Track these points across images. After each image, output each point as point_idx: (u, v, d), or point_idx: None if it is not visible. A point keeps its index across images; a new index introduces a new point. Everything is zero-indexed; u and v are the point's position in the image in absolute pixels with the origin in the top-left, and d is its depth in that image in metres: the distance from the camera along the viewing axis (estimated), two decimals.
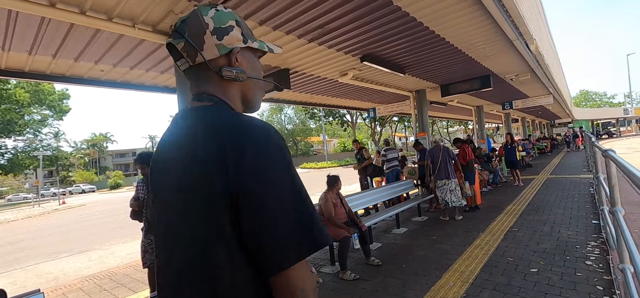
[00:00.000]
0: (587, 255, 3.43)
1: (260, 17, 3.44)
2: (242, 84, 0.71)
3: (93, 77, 4.59)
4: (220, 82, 0.69)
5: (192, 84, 0.71)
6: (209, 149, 0.58)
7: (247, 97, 0.74)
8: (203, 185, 0.57)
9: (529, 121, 25.47)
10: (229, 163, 0.55)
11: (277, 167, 0.57)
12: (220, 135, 0.59)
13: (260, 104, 0.78)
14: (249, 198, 0.55)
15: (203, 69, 0.68)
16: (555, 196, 6.67)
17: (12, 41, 3.32)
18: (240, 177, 0.55)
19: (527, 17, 4.54)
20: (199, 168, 0.58)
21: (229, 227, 0.56)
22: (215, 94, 0.68)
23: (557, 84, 10.95)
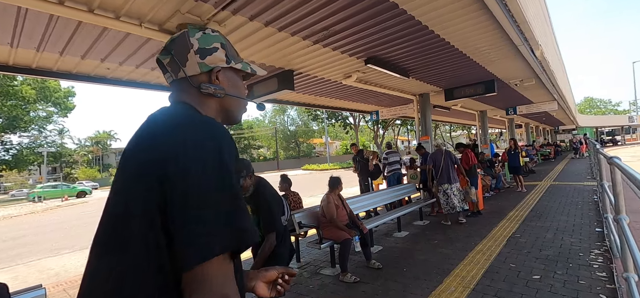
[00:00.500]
0: (591, 263, 3.40)
1: (265, 18, 3.45)
2: (221, 100, 0.76)
3: (99, 74, 4.63)
4: (198, 95, 0.73)
5: (173, 92, 0.75)
6: (149, 140, 0.61)
7: (225, 112, 0.79)
8: (140, 178, 0.58)
9: (532, 127, 25.32)
10: (162, 157, 0.57)
11: (207, 164, 0.57)
12: (164, 130, 0.62)
13: (241, 118, 0.83)
14: (172, 190, 0.54)
15: (185, 83, 0.73)
16: (558, 203, 6.62)
17: (20, 38, 3.36)
18: (170, 170, 0.55)
19: (533, 23, 4.52)
20: (140, 160, 0.60)
21: (156, 235, 0.55)
22: (192, 104, 0.72)
23: (561, 91, 10.89)
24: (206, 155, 0.58)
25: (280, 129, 50.58)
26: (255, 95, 5.88)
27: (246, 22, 3.48)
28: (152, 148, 0.59)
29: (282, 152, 50.14)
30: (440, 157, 5.68)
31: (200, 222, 0.53)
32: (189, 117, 0.66)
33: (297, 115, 51.58)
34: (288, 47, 4.31)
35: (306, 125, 51.99)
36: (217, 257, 0.53)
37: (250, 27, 3.61)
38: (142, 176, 0.58)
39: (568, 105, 16.41)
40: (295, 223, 3.84)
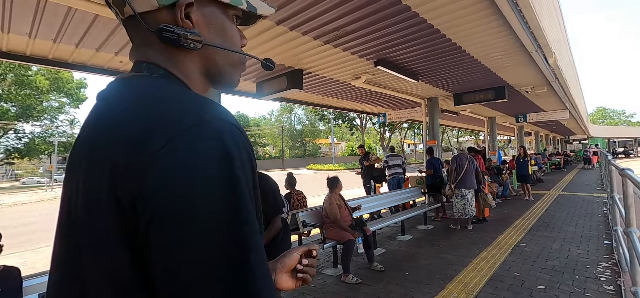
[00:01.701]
0: (598, 276, 3.34)
1: (277, 17, 3.48)
2: (204, 55, 0.50)
3: (112, 67, 4.71)
4: (162, 47, 0.47)
5: (132, 45, 0.50)
6: (103, 147, 0.39)
7: (211, 71, 0.51)
8: (100, 194, 0.38)
9: (542, 135, 24.93)
10: (124, 167, 0.36)
11: (205, 177, 0.35)
12: (134, 120, 0.39)
13: (237, 81, 0.56)
14: (157, 224, 0.34)
15: (137, 26, 0.47)
16: (566, 213, 6.52)
17: (38, 29, 3.45)
18: (147, 190, 0.35)
19: (547, 30, 4.46)
20: (98, 168, 0.39)
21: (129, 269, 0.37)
22: (161, 64, 0.47)
23: (573, 99, 10.70)
24: (202, 168, 0.35)
25: (286, 128, 50.74)
26: (264, 93, 5.92)
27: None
28: (113, 161, 0.37)
29: (288, 151, 50.29)
30: (465, 161, 5.67)
31: (192, 281, 0.34)
32: (167, 97, 0.41)
33: (304, 114, 51.68)
34: (298, 47, 4.33)
35: (313, 125, 52.05)
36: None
37: (262, 25, 3.64)
38: (105, 212, 0.37)
39: (580, 114, 16.11)
40: (299, 222, 3.86)
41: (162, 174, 0.35)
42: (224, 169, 0.36)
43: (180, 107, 0.40)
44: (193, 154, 0.35)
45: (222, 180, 0.36)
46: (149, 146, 0.36)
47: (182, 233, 0.34)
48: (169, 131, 0.36)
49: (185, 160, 0.35)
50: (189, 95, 0.44)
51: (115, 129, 0.39)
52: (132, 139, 0.37)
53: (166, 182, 0.35)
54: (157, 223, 0.34)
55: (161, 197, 0.35)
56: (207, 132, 0.37)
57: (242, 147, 0.39)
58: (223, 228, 0.35)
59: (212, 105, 0.41)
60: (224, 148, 0.37)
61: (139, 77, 0.46)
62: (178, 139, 0.36)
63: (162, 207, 0.34)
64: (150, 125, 0.37)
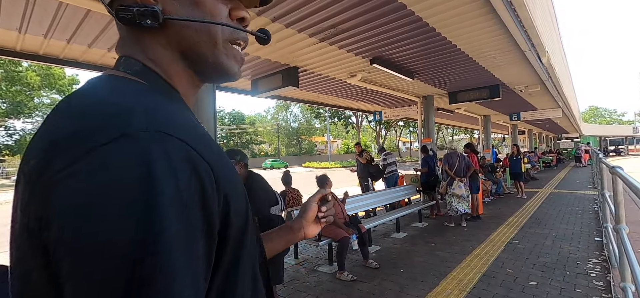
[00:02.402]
0: (588, 272, 3.40)
1: (273, 14, 3.46)
2: (172, 33, 0.41)
3: (105, 64, 4.65)
4: (132, 35, 0.41)
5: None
6: (27, 154, 0.34)
7: (188, 55, 0.43)
8: (18, 208, 0.33)
9: (535, 134, 25.23)
10: (36, 185, 0.30)
11: (110, 207, 0.28)
12: (50, 132, 0.33)
13: (233, 68, 0.45)
14: (52, 253, 0.29)
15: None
16: (558, 210, 6.62)
17: (28, 24, 3.39)
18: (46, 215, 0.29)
19: (541, 29, 4.51)
20: (19, 182, 0.34)
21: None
22: (137, 56, 0.41)
23: (566, 98, 10.84)
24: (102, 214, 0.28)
25: (282, 126, 50.64)
26: (259, 91, 5.90)
27: (253, 17, 3.49)
28: (35, 177, 0.31)
29: (284, 149, 50.21)
30: (456, 159, 5.72)
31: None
32: (89, 107, 0.34)
33: (300, 112, 51.61)
34: (294, 44, 4.32)
35: (308, 123, 52.01)
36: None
37: (258, 22, 3.62)
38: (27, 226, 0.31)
39: (572, 113, 16.33)
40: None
41: (61, 198, 0.28)
42: (138, 204, 0.28)
43: (108, 115, 0.32)
44: (96, 177, 0.28)
45: (131, 211, 0.28)
46: (52, 166, 0.29)
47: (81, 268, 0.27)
48: (76, 148, 0.29)
49: (84, 186, 0.28)
50: (132, 101, 0.34)
51: (41, 136, 0.33)
52: (41, 154, 0.31)
53: (65, 208, 0.28)
54: (57, 252, 0.28)
55: (58, 226, 0.28)
56: (127, 149, 0.29)
57: (176, 169, 0.30)
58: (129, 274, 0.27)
59: (156, 114, 0.33)
60: (144, 170, 0.29)
61: (103, 77, 0.40)
62: (85, 158, 0.29)
63: (60, 235, 0.28)
64: (61, 140, 0.31)
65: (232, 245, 0.37)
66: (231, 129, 46.90)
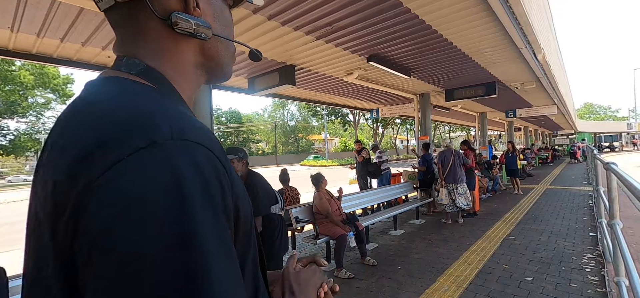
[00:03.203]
0: (583, 267, 3.44)
1: (269, 11, 3.44)
2: (205, 45, 0.46)
3: (99, 63, 4.60)
4: (162, 37, 0.43)
5: (117, 38, 0.45)
6: (57, 158, 0.34)
7: (211, 63, 0.48)
8: (46, 212, 0.33)
9: (531, 130, 25.41)
10: (70, 191, 0.31)
11: (147, 215, 0.29)
12: (80, 136, 0.33)
13: (231, 73, 0.52)
14: (85, 262, 0.29)
15: (133, 12, 0.42)
16: (553, 206, 6.68)
17: (21, 23, 3.34)
18: (82, 223, 0.30)
19: (536, 26, 4.53)
20: (43, 195, 0.34)
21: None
22: (143, 59, 0.42)
23: (562, 95, 10.92)
24: (142, 222, 0.29)
25: (279, 124, 50.54)
26: (256, 89, 5.87)
27: (249, 14, 3.47)
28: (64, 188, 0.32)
29: (281, 147, 50.14)
30: (450, 156, 5.75)
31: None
32: (113, 111, 0.35)
33: (297, 110, 51.53)
34: (291, 42, 4.30)
35: (306, 121, 51.96)
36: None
37: (253, 20, 3.60)
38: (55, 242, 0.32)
39: (568, 110, 16.46)
40: (292, 218, 3.86)
41: (98, 208, 0.29)
42: (172, 206, 0.29)
43: (132, 122, 0.33)
44: (133, 185, 0.29)
45: (170, 220, 0.29)
46: (87, 172, 0.30)
47: (118, 279, 0.28)
48: (110, 155, 0.30)
49: (122, 193, 0.29)
50: (153, 105, 0.36)
51: (64, 145, 0.34)
52: (73, 159, 0.32)
53: (101, 218, 0.29)
54: (90, 263, 0.29)
55: (96, 235, 0.29)
56: (157, 158, 0.30)
57: (203, 172, 0.32)
58: (170, 278, 0.28)
59: (174, 121, 0.34)
60: (175, 179, 0.30)
61: (111, 78, 0.41)
62: (120, 166, 0.30)
63: (97, 245, 0.28)
64: (92, 146, 0.31)
65: (239, 244, 0.39)
66: (228, 127, 46.75)
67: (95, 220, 0.29)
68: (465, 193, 5.69)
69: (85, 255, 0.29)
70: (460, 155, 5.93)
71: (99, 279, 0.28)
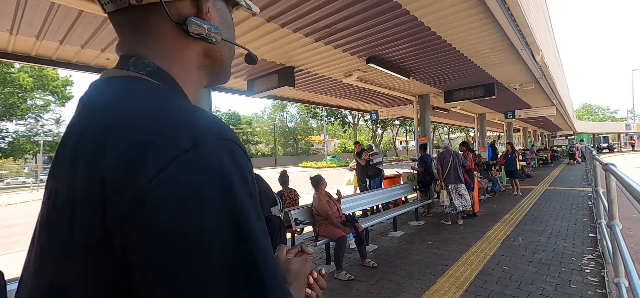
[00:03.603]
0: (583, 268, 3.44)
1: (268, 13, 3.45)
2: (211, 48, 0.48)
3: (99, 65, 4.60)
4: (172, 40, 0.45)
5: (120, 39, 0.46)
6: (89, 161, 0.35)
7: (215, 65, 0.50)
8: (78, 230, 0.35)
9: (530, 131, 25.45)
10: (113, 194, 0.33)
11: (204, 208, 0.32)
12: (114, 135, 0.35)
13: (230, 75, 0.56)
14: (144, 256, 0.32)
15: (147, 16, 0.43)
16: (553, 207, 6.68)
17: (20, 25, 3.34)
18: (135, 221, 0.32)
19: (535, 28, 4.54)
20: (79, 195, 0.35)
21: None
22: (151, 58, 0.43)
23: (560, 96, 10.95)
24: (200, 215, 0.32)
25: (279, 126, 50.55)
26: (255, 91, 5.88)
27: (249, 16, 3.47)
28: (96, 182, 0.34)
29: (281, 149, 50.13)
30: (448, 158, 5.76)
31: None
32: (163, 106, 0.39)
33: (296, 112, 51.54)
34: (290, 44, 4.31)
35: (305, 123, 51.97)
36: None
37: (253, 22, 3.61)
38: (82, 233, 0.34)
39: (566, 111, 16.51)
40: (292, 220, 3.85)
41: (158, 206, 0.32)
42: (224, 196, 0.33)
43: (173, 123, 0.36)
44: (189, 182, 0.32)
45: (223, 210, 0.33)
46: (142, 172, 0.32)
47: (182, 271, 0.31)
48: (162, 155, 0.33)
49: (180, 190, 0.32)
50: (180, 106, 0.40)
51: (103, 143, 0.35)
52: (122, 158, 0.34)
53: (161, 214, 0.31)
54: (156, 259, 0.31)
55: (155, 231, 0.31)
56: (203, 156, 0.34)
57: (240, 164, 0.36)
58: (232, 258, 0.33)
59: (204, 120, 0.37)
60: (222, 173, 0.34)
61: (125, 78, 0.42)
62: (172, 165, 0.33)
63: (163, 239, 0.31)
64: (142, 145, 0.34)
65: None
66: None
67: (157, 218, 0.31)
68: (464, 194, 5.70)
69: (148, 250, 0.31)
70: (459, 156, 5.95)
71: (169, 267, 0.31)
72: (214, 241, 0.32)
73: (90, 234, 0.34)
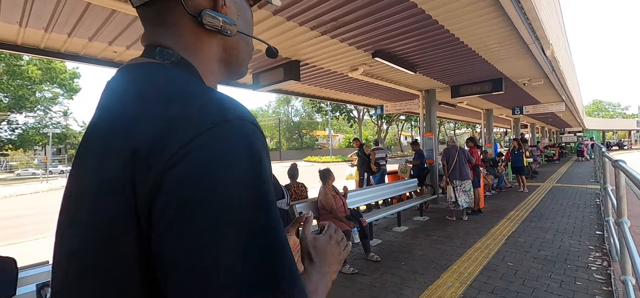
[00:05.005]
0: (589, 265, 3.42)
1: (273, 6, 3.43)
2: (229, 41, 0.50)
3: (106, 57, 4.64)
4: (192, 31, 0.47)
5: (146, 31, 0.49)
6: (121, 136, 0.38)
7: (232, 59, 0.52)
8: (106, 200, 0.37)
9: (538, 128, 25.09)
10: (146, 160, 0.35)
11: (233, 175, 0.35)
12: (146, 111, 0.38)
13: (247, 70, 0.57)
14: (169, 213, 0.33)
15: (167, 8, 0.46)
16: (559, 204, 6.61)
17: (29, 17, 3.37)
18: (164, 183, 0.34)
19: (545, 21, 4.45)
20: (106, 169, 0.38)
21: (139, 266, 0.36)
22: (175, 49, 0.46)
23: (570, 92, 10.75)
24: (232, 163, 0.35)
25: (283, 120, 50.60)
26: (261, 85, 5.88)
27: (254, 10, 3.46)
28: (127, 156, 0.36)
29: (285, 143, 50.24)
30: (454, 153, 5.73)
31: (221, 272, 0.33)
32: (188, 89, 0.41)
33: (301, 106, 51.49)
34: (296, 37, 4.29)
35: (310, 117, 51.93)
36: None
37: (258, 15, 3.60)
38: (112, 207, 0.36)
39: (576, 107, 16.22)
40: (296, 213, 3.87)
41: (188, 170, 0.34)
42: (248, 166, 0.36)
43: (201, 103, 0.39)
44: (216, 152, 0.35)
45: (248, 176, 0.36)
46: (172, 143, 0.35)
47: (206, 224, 0.33)
48: (192, 129, 0.36)
49: (208, 158, 0.35)
50: (206, 89, 0.43)
51: (135, 121, 0.38)
52: (152, 134, 0.36)
53: (192, 178, 0.34)
54: (181, 214, 0.33)
55: (188, 191, 0.34)
56: (229, 131, 0.37)
57: (260, 144, 0.39)
58: (250, 220, 0.35)
59: (230, 102, 0.40)
60: (245, 146, 0.37)
61: (152, 64, 0.45)
62: (202, 137, 0.35)
63: (187, 198, 0.33)
64: (174, 121, 0.37)
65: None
66: None
67: (184, 181, 0.34)
68: (469, 191, 5.67)
69: (173, 209, 0.33)
70: (465, 151, 5.90)
71: (195, 216, 0.33)
72: (236, 205, 0.34)
73: (118, 205, 0.36)
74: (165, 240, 0.34)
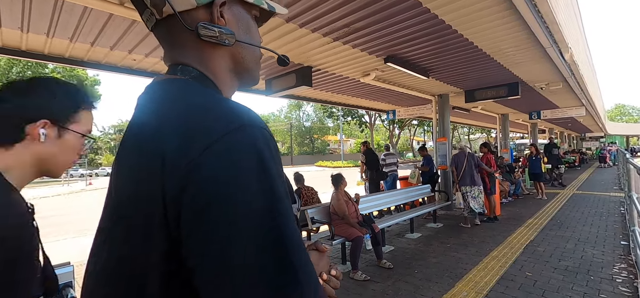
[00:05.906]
0: (613, 277, 3.26)
1: (287, 14, 3.48)
2: (232, 51, 0.54)
3: (126, 65, 4.81)
4: (199, 46, 0.51)
5: (165, 50, 0.54)
6: (151, 144, 0.43)
7: (240, 68, 0.56)
8: (141, 196, 0.42)
9: (557, 133, 24.28)
10: (171, 166, 0.39)
11: (244, 175, 0.38)
12: (170, 123, 0.43)
13: (258, 78, 0.60)
14: (190, 216, 0.38)
15: (176, 26, 0.50)
16: (581, 213, 6.36)
17: (56, 29, 3.55)
18: (183, 187, 0.38)
19: (563, 24, 4.33)
20: (140, 172, 0.43)
21: (169, 265, 0.40)
22: (194, 65, 0.51)
23: (590, 96, 10.37)
24: (241, 166, 0.39)
25: (295, 125, 50.90)
26: (273, 91, 5.95)
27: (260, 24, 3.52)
28: (153, 162, 0.41)
29: (297, 148, 50.46)
30: (463, 159, 5.63)
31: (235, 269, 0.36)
32: (201, 100, 0.46)
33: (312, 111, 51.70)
34: (308, 44, 4.33)
35: (321, 122, 52.04)
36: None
37: (272, 22, 3.66)
38: (145, 211, 0.41)
39: (597, 111, 15.61)
40: (308, 218, 3.88)
41: (205, 175, 0.38)
42: (260, 169, 0.40)
43: (217, 113, 0.43)
44: (231, 157, 0.39)
45: (260, 174, 0.39)
46: (192, 150, 0.39)
47: (223, 224, 0.37)
48: (213, 133, 0.40)
49: (225, 163, 0.39)
50: (222, 100, 0.47)
51: (161, 133, 0.43)
52: (176, 142, 0.41)
53: (209, 182, 0.38)
54: (196, 217, 0.38)
55: (205, 194, 0.38)
56: (242, 138, 0.40)
57: (272, 149, 0.43)
58: (262, 220, 0.38)
59: (243, 111, 0.44)
60: (257, 151, 0.40)
61: (175, 81, 0.50)
62: (218, 143, 0.39)
63: (204, 201, 0.37)
64: (194, 131, 0.41)
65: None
66: None
67: (206, 181, 0.38)
68: (479, 196, 5.53)
69: (196, 208, 0.37)
70: (474, 157, 5.78)
71: (214, 212, 0.37)
72: (248, 202, 0.38)
73: (150, 207, 0.41)
74: (189, 237, 0.38)
